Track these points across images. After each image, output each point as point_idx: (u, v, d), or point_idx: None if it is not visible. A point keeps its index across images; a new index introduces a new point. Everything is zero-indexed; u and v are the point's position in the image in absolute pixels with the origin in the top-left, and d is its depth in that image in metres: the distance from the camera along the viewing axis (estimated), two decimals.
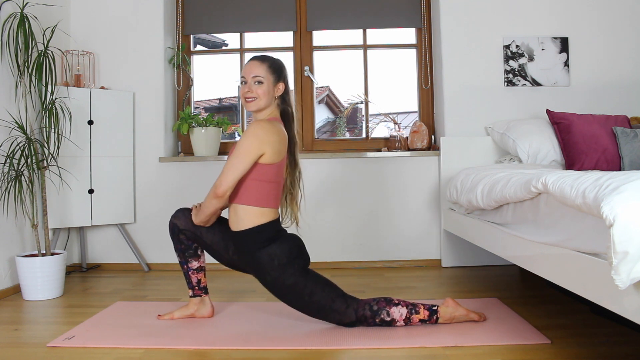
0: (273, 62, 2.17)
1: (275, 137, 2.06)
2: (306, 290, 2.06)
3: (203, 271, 2.30)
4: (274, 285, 2.08)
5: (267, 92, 2.12)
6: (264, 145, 2.02)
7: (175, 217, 2.24)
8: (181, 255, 2.26)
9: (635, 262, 1.28)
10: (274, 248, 2.06)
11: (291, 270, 2.06)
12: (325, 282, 2.11)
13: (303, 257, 2.13)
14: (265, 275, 2.07)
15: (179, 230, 2.23)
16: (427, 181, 3.49)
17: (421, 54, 3.70)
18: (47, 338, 2.06)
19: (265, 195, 2.08)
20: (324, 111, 4.34)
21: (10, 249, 2.88)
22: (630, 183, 1.37)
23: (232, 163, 2.02)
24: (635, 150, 2.79)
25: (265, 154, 2.04)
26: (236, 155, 2.03)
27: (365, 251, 3.49)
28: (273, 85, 2.14)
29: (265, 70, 2.12)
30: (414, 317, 2.10)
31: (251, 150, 2.02)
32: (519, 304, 2.42)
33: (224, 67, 3.96)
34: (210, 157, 3.47)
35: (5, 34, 2.78)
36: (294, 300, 2.10)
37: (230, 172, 2.01)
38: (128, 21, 3.54)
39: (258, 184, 2.07)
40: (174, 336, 2.07)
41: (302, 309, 2.11)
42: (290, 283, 2.05)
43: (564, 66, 3.48)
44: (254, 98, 2.11)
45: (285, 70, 2.20)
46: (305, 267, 2.12)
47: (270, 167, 2.07)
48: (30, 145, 2.74)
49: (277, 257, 2.05)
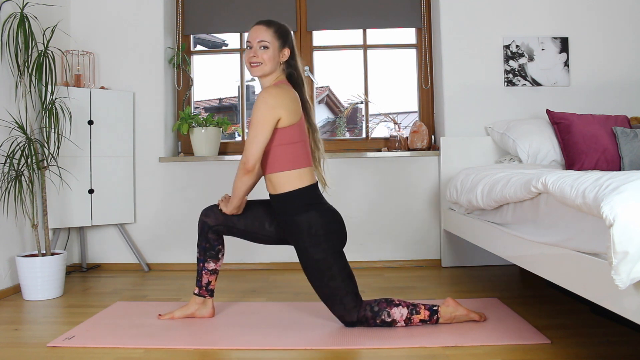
0: (279, 27, 2.15)
1: (286, 98, 2.05)
2: (329, 273, 2.07)
3: (216, 274, 2.30)
4: (304, 253, 2.08)
5: (273, 57, 2.11)
6: (277, 109, 2.02)
7: (206, 216, 2.24)
8: (202, 253, 2.26)
9: (635, 262, 1.28)
10: (313, 215, 2.07)
11: (324, 245, 2.06)
12: (348, 275, 2.11)
13: (341, 236, 2.13)
14: (300, 241, 2.08)
15: (209, 227, 2.23)
16: (427, 181, 3.49)
17: (421, 54, 3.70)
18: (47, 338, 2.06)
19: (295, 157, 2.08)
20: (324, 111, 4.34)
21: (10, 249, 2.88)
22: (630, 183, 1.37)
23: (252, 135, 2.02)
24: (635, 150, 2.79)
25: (282, 118, 2.03)
26: (254, 127, 2.02)
27: (365, 251, 3.49)
28: (279, 51, 2.12)
29: (271, 35, 2.11)
30: (414, 318, 2.10)
31: (267, 118, 2.01)
32: (519, 304, 2.42)
33: (224, 67, 3.96)
34: (210, 157, 3.47)
35: (5, 34, 2.78)
36: (313, 275, 2.10)
37: (253, 145, 2.01)
38: (128, 21, 3.54)
39: (285, 148, 2.06)
40: (174, 336, 2.07)
41: (316, 287, 2.12)
42: (318, 258, 2.06)
43: (564, 66, 3.48)
44: (259, 63, 2.10)
45: (292, 35, 2.19)
46: (339, 249, 2.12)
47: (291, 129, 2.06)
48: (30, 145, 2.74)
49: (315, 226, 2.05)
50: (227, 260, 3.22)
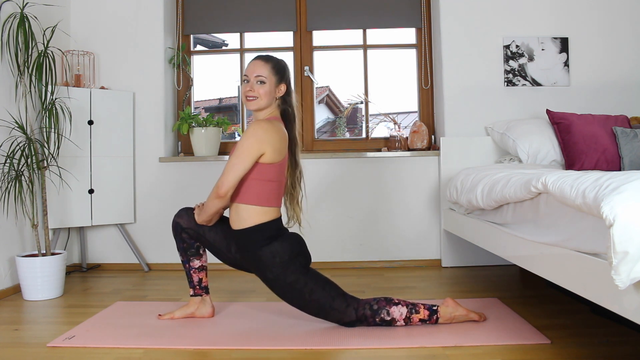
0: (277, 62, 2.17)
1: (275, 136, 2.06)
2: (306, 289, 2.06)
3: (204, 270, 2.31)
4: (276, 283, 2.08)
5: (269, 92, 2.13)
6: (263, 144, 2.03)
7: (179, 216, 2.24)
8: (183, 254, 2.27)
9: (635, 262, 1.28)
10: (276, 246, 2.07)
11: (292, 268, 2.06)
12: (325, 281, 2.11)
13: (304, 255, 2.14)
14: (267, 273, 2.07)
15: (182, 229, 2.23)
16: (427, 181, 3.49)
17: (421, 54, 3.70)
18: (47, 338, 2.06)
19: (266, 194, 2.09)
20: (324, 111, 4.34)
21: (10, 249, 2.88)
22: (630, 183, 1.37)
23: (233, 163, 2.03)
24: (635, 150, 2.79)
25: (266, 154, 2.04)
26: (236, 155, 2.03)
27: (365, 251, 3.49)
28: (275, 86, 2.14)
29: (268, 71, 2.13)
30: (414, 317, 2.10)
31: (251, 151, 2.02)
32: (519, 304, 2.42)
33: (224, 67, 3.96)
34: (210, 157, 3.47)
35: (5, 34, 2.78)
36: (294, 298, 2.10)
37: (231, 173, 2.02)
38: (128, 21, 3.54)
39: (259, 183, 2.07)
40: (174, 336, 2.07)
41: (303, 307, 2.12)
42: (291, 280, 2.06)
43: (564, 66, 3.48)
44: (255, 97, 2.12)
45: (288, 71, 2.21)
46: (306, 265, 2.12)
47: (271, 167, 2.07)
48: (30, 145, 2.74)
49: (279, 255, 2.05)
50: None
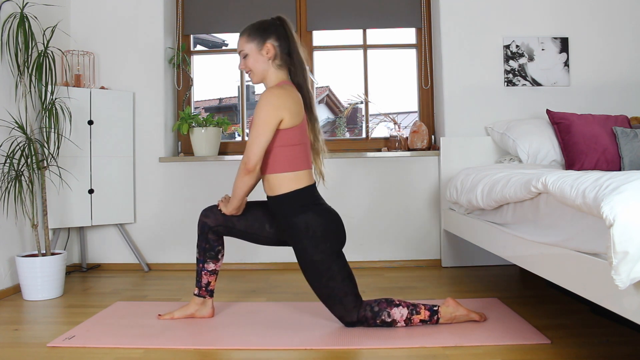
0: (250, 28, 2.14)
1: (289, 100, 2.04)
2: (327, 273, 2.06)
3: (215, 275, 2.29)
4: (302, 254, 2.07)
5: (255, 61, 2.11)
6: (280, 111, 2.01)
7: (205, 216, 2.23)
8: (201, 253, 2.26)
9: (635, 262, 1.28)
10: (311, 217, 2.06)
11: (322, 247, 2.05)
12: (347, 275, 2.10)
13: (339, 236, 2.12)
14: (297, 243, 2.07)
15: (209, 228, 2.22)
16: (427, 181, 3.49)
17: (421, 54, 3.70)
18: (47, 338, 2.06)
19: (294, 159, 2.08)
20: (324, 111, 4.34)
21: (10, 249, 2.88)
22: (630, 183, 1.37)
23: (254, 135, 2.01)
24: (635, 150, 2.79)
25: (284, 119, 2.03)
26: (256, 127, 2.01)
27: (365, 251, 3.49)
28: (258, 52, 2.11)
29: (244, 41, 2.13)
30: (414, 318, 2.10)
31: (269, 119, 2.00)
32: (519, 304, 2.42)
33: (224, 67, 3.96)
34: (210, 157, 3.47)
35: (5, 34, 2.78)
36: (312, 276, 2.09)
37: (255, 145, 2.01)
38: (128, 21, 3.54)
39: (285, 150, 2.06)
40: (174, 336, 2.07)
41: (315, 287, 2.11)
42: (317, 259, 2.05)
43: (564, 66, 3.48)
44: (249, 71, 2.14)
45: (270, 28, 2.12)
46: (338, 249, 2.11)
47: (292, 131, 2.06)
48: (30, 145, 2.74)
49: (312, 227, 2.05)
50: (227, 260, 3.22)
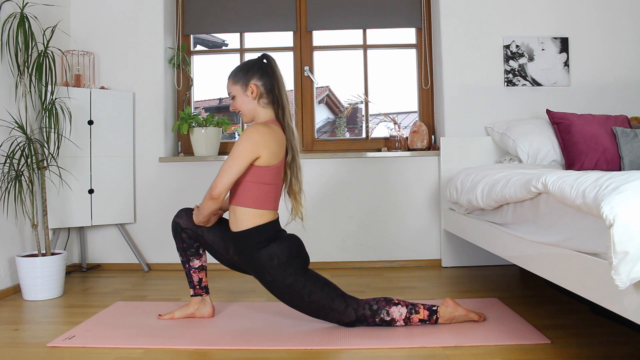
0: (235, 71, 2.21)
1: (271, 139, 2.06)
2: (305, 290, 2.06)
3: (204, 270, 2.31)
4: (274, 284, 2.08)
5: (242, 102, 2.17)
6: (259, 148, 2.03)
7: (178, 217, 2.25)
8: (183, 254, 2.27)
9: (635, 262, 1.28)
10: (274, 247, 2.07)
11: (290, 270, 2.06)
12: (324, 282, 2.11)
13: (302, 256, 2.13)
14: (265, 275, 2.07)
15: (181, 229, 2.24)
16: (427, 181, 3.49)
17: (421, 54, 3.70)
18: (47, 338, 2.06)
19: (263, 197, 2.09)
20: (324, 111, 4.34)
21: (10, 249, 2.88)
22: (630, 183, 1.37)
23: (227, 165, 2.03)
24: (635, 150, 2.79)
25: (261, 157, 2.04)
26: (231, 157, 2.03)
27: (365, 251, 3.49)
28: (243, 93, 2.16)
29: (231, 84, 2.20)
30: (413, 317, 2.10)
31: (246, 153, 2.02)
32: (519, 304, 2.42)
33: (224, 67, 3.96)
34: (210, 157, 3.47)
35: (5, 34, 2.78)
36: (293, 299, 2.10)
37: (225, 175, 2.02)
38: (128, 21, 3.54)
39: (255, 186, 2.07)
40: (174, 336, 2.07)
41: (302, 309, 2.11)
42: (290, 282, 2.06)
43: (564, 66, 3.48)
44: (238, 112, 2.21)
45: (253, 68, 2.16)
46: (304, 267, 2.12)
47: (267, 170, 2.07)
48: (30, 145, 2.74)
49: (277, 256, 2.05)
50: None
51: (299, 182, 2.21)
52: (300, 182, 2.21)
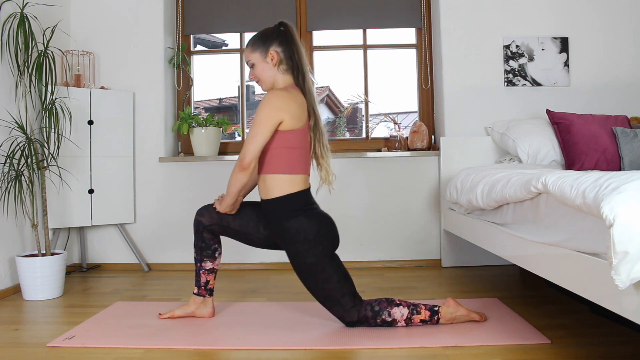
0: (253, 38, 2.18)
1: (291, 103, 2.05)
2: (322, 275, 2.06)
3: (214, 273, 2.30)
4: (295, 258, 2.08)
5: (262, 70, 2.14)
6: (280, 112, 2.02)
7: (200, 215, 2.23)
8: (199, 252, 2.26)
9: (635, 262, 1.28)
10: (302, 221, 2.05)
11: (315, 250, 2.05)
12: (343, 275, 2.10)
13: (332, 239, 2.12)
14: (290, 247, 2.07)
15: (204, 227, 2.22)
16: (427, 181, 3.49)
17: (421, 54, 3.70)
18: (47, 338, 2.06)
19: (291, 162, 2.07)
20: (324, 111, 4.34)
21: (10, 249, 2.88)
22: (630, 183, 1.37)
23: (252, 134, 2.02)
24: (635, 150, 2.79)
25: (284, 121, 2.03)
26: (255, 125, 2.02)
27: (365, 251, 3.49)
28: (263, 60, 2.14)
29: (249, 51, 2.16)
30: (415, 318, 2.10)
31: (268, 119, 2.01)
32: (519, 304, 2.42)
33: (224, 67, 3.96)
34: (210, 157, 3.47)
35: (5, 34, 2.78)
36: (307, 279, 2.09)
37: (252, 143, 2.01)
38: (128, 21, 3.54)
39: (282, 152, 2.06)
40: (174, 336, 2.07)
41: (312, 290, 2.11)
42: (310, 262, 2.05)
43: (564, 66, 3.48)
44: (257, 80, 2.18)
45: (272, 35, 2.14)
46: (331, 251, 2.10)
47: (291, 134, 2.06)
48: (30, 145, 2.74)
49: (304, 231, 2.04)
50: (226, 260, 3.21)
51: (322, 146, 2.18)
52: (324, 147, 2.19)
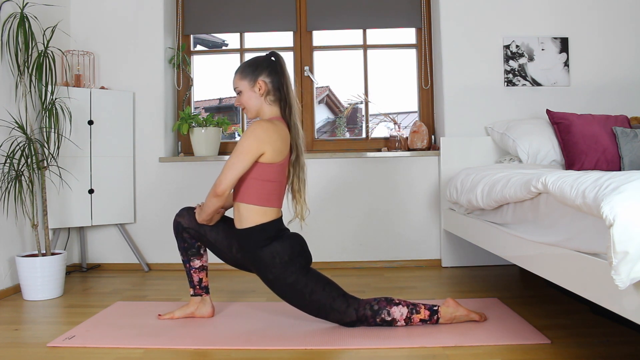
0: (243, 66, 2.18)
1: (275, 136, 2.05)
2: (307, 289, 2.07)
3: (205, 270, 2.31)
4: (276, 283, 2.08)
5: (249, 98, 2.15)
6: (263, 144, 2.03)
7: (180, 216, 2.24)
8: (184, 253, 2.27)
9: (635, 262, 1.28)
10: (276, 246, 2.07)
11: (292, 269, 2.06)
12: (326, 281, 2.11)
13: (304, 255, 2.13)
14: (267, 274, 2.08)
15: (183, 228, 2.23)
16: (427, 181, 3.49)
17: (421, 54, 3.70)
18: (47, 338, 2.06)
19: (266, 195, 2.09)
20: (324, 111, 4.34)
21: (10, 249, 2.88)
22: (630, 183, 1.37)
23: (232, 162, 2.03)
24: (635, 150, 2.79)
25: (266, 154, 2.04)
26: (235, 154, 2.03)
27: (365, 251, 3.49)
28: (250, 89, 2.14)
29: (238, 79, 2.16)
30: (414, 317, 2.10)
31: (250, 150, 2.02)
32: (519, 304, 2.42)
33: (224, 67, 3.96)
34: (210, 157, 3.47)
35: (5, 34, 2.78)
36: (294, 298, 2.10)
37: (229, 171, 2.02)
38: (128, 21, 3.54)
39: (259, 183, 2.07)
40: (174, 336, 2.07)
41: (303, 307, 2.12)
42: (291, 281, 2.06)
43: (564, 66, 3.48)
44: (243, 107, 2.18)
45: (262, 65, 2.15)
46: (306, 266, 2.12)
47: (271, 167, 2.07)
48: (30, 145, 2.74)
49: (279, 255, 2.05)
50: None
51: (299, 180, 2.20)
52: (301, 181, 2.21)
